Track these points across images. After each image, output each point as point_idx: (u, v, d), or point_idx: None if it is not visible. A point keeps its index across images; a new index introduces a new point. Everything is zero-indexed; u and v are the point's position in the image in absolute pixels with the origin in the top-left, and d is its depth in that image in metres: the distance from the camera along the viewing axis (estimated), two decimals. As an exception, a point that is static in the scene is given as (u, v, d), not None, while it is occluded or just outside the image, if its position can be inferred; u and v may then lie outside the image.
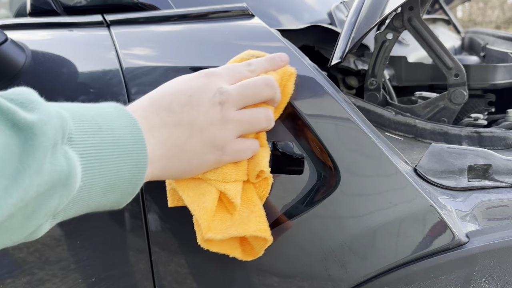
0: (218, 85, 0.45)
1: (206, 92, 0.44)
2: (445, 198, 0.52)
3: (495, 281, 0.49)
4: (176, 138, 0.42)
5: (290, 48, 0.55)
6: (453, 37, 1.65)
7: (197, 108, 0.43)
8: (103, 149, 0.36)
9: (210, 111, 0.44)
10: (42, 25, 0.68)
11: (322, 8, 1.09)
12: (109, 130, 0.37)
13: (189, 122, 0.43)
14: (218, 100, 0.44)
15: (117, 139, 0.37)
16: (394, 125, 0.71)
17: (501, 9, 7.71)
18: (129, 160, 0.38)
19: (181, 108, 0.43)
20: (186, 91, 0.44)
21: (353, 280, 0.51)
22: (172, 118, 0.42)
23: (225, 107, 0.44)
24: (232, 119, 0.45)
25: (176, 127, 0.42)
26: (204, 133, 0.44)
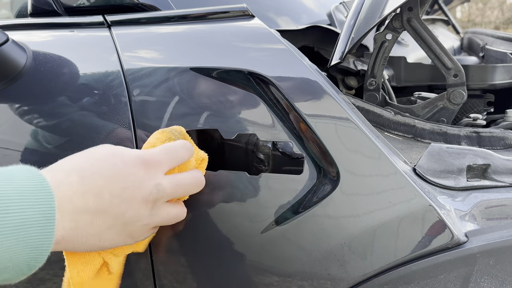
0: (156, 181, 0.43)
1: (142, 188, 0.42)
2: (444, 197, 0.52)
3: (494, 280, 0.49)
4: (95, 226, 0.40)
5: (290, 48, 0.55)
6: (452, 38, 1.65)
7: (128, 203, 0.41)
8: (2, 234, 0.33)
9: (141, 208, 0.42)
10: (43, 25, 0.68)
11: (320, 10, 1.10)
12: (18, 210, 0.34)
13: (115, 215, 0.41)
14: (153, 198, 0.43)
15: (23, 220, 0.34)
16: (394, 125, 0.71)
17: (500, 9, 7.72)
18: (30, 242, 0.34)
19: (111, 199, 0.40)
20: (120, 181, 0.41)
21: (352, 280, 0.51)
22: (98, 205, 0.40)
23: (156, 204, 0.44)
24: (158, 215, 0.45)
25: (99, 215, 0.40)
26: (126, 227, 0.42)
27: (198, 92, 0.54)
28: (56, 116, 0.57)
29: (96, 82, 0.57)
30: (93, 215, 0.40)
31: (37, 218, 0.35)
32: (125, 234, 0.43)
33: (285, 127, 0.53)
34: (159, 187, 0.43)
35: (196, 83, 0.54)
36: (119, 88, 0.56)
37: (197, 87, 0.54)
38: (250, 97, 0.54)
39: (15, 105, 0.59)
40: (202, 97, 0.54)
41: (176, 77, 0.55)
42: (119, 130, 0.55)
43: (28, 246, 0.34)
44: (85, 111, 0.56)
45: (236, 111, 0.53)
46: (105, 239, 0.41)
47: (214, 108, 0.53)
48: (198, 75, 0.54)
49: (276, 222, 0.52)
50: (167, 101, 0.54)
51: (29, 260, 0.35)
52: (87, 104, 0.56)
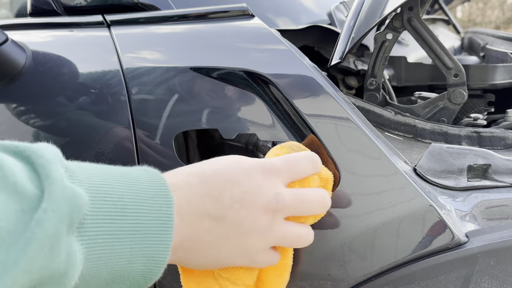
0: (276, 190, 0.40)
1: (262, 194, 0.39)
2: (445, 198, 0.52)
3: (494, 281, 0.49)
4: (213, 235, 0.37)
5: (290, 48, 0.55)
6: (453, 37, 1.65)
7: (248, 210, 0.38)
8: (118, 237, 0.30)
9: (260, 218, 0.38)
10: (42, 25, 0.68)
11: (320, 10, 1.09)
12: (134, 213, 0.31)
13: (234, 222, 0.38)
14: (272, 208, 0.39)
15: (139, 226, 0.31)
16: (394, 125, 0.71)
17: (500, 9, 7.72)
18: (147, 250, 0.32)
19: (231, 204, 0.37)
20: (242, 185, 0.38)
21: (352, 280, 0.51)
22: (218, 211, 0.37)
23: (276, 217, 0.40)
24: (278, 231, 0.40)
25: (218, 222, 0.37)
26: (244, 240, 0.39)
27: (197, 91, 0.54)
28: (56, 115, 0.57)
29: (96, 82, 0.57)
30: (212, 220, 0.37)
31: (155, 224, 0.32)
32: (243, 249, 0.39)
33: (285, 127, 0.53)
34: (279, 197, 0.39)
35: (196, 82, 0.54)
36: (118, 87, 0.56)
37: (197, 86, 0.54)
38: (250, 97, 0.53)
39: (15, 105, 0.59)
40: (201, 96, 0.54)
41: (175, 76, 0.55)
42: (118, 129, 0.54)
43: (143, 255, 0.32)
44: (84, 111, 0.56)
45: (236, 111, 0.53)
46: (222, 251, 0.38)
47: (214, 108, 0.53)
48: (198, 75, 0.54)
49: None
50: (167, 100, 0.54)
51: (145, 271, 0.32)
52: (86, 103, 0.56)
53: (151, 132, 0.54)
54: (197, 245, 0.37)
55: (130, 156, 0.54)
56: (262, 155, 0.60)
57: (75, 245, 0.28)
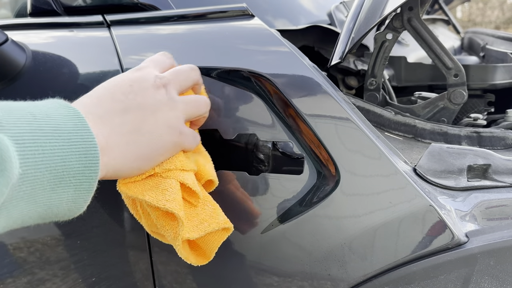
0: (154, 73, 0.45)
1: (146, 80, 0.44)
2: (445, 198, 0.52)
3: (494, 281, 0.49)
4: (130, 123, 0.41)
5: (290, 48, 0.55)
6: (453, 37, 1.65)
7: (142, 93, 0.43)
8: (40, 136, 0.33)
9: (156, 94, 0.44)
10: (42, 25, 0.68)
11: (319, 11, 1.09)
12: (45, 117, 0.34)
13: (139, 106, 0.42)
14: (160, 83, 0.44)
15: (56, 127, 0.34)
16: (394, 125, 0.71)
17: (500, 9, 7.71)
18: (75, 149, 0.35)
19: (126, 96, 0.42)
20: (125, 82, 0.43)
21: (352, 280, 0.51)
22: (120, 106, 0.41)
23: (168, 89, 0.45)
24: (178, 100, 0.45)
25: (126, 112, 0.41)
26: (157, 114, 0.43)
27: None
28: (56, 116, 0.57)
29: (96, 82, 0.57)
30: (121, 114, 0.41)
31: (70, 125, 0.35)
32: (162, 122, 0.43)
33: (285, 127, 0.53)
34: (159, 75, 0.45)
35: (196, 83, 0.54)
36: (118, 88, 0.56)
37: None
38: (250, 97, 0.53)
39: (15, 105, 0.59)
40: (202, 97, 0.54)
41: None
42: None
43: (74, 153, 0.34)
44: (84, 111, 0.56)
45: (236, 111, 0.53)
46: (147, 133, 0.42)
47: (213, 108, 0.53)
48: (198, 75, 0.54)
49: (276, 222, 0.52)
50: (167, 101, 0.54)
51: (83, 169, 0.35)
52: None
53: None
54: (122, 137, 0.40)
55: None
56: (262, 155, 0.60)
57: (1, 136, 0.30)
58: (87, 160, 0.35)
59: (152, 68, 0.46)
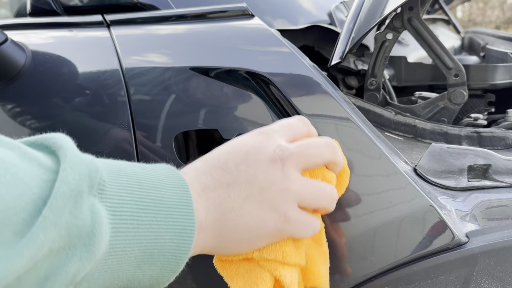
0: (277, 142, 0.40)
1: (264, 148, 0.39)
2: (445, 198, 0.52)
3: (495, 281, 0.49)
4: (232, 200, 0.37)
5: (290, 48, 0.55)
6: (453, 37, 1.65)
7: (255, 166, 0.38)
8: (141, 209, 0.31)
9: (270, 168, 0.38)
10: (42, 25, 0.68)
11: (319, 12, 1.09)
12: (152, 188, 0.32)
13: (247, 181, 0.37)
14: (279, 156, 0.39)
15: (159, 199, 0.32)
16: (394, 125, 0.71)
17: (500, 9, 7.71)
18: (172, 225, 0.32)
19: (237, 167, 0.38)
20: (241, 149, 0.39)
21: (353, 280, 0.51)
22: (227, 177, 0.37)
23: (286, 165, 0.39)
24: (295, 180, 0.39)
25: (232, 187, 0.37)
26: (263, 194, 0.38)
27: (197, 91, 0.54)
28: (56, 116, 0.56)
29: (95, 82, 0.57)
30: (226, 188, 0.37)
31: (173, 199, 0.33)
32: (266, 205, 0.38)
33: (285, 127, 0.53)
34: (282, 146, 0.39)
35: (196, 82, 0.54)
36: (118, 87, 0.56)
37: (197, 86, 0.54)
38: (250, 97, 0.53)
39: (14, 105, 0.59)
40: (201, 96, 0.54)
41: (175, 76, 0.55)
42: (118, 129, 0.54)
43: (169, 230, 0.32)
44: (84, 111, 0.56)
45: (236, 111, 0.53)
46: (248, 214, 0.37)
47: (213, 108, 0.53)
48: (198, 75, 0.54)
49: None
50: (167, 101, 0.54)
51: (174, 248, 0.32)
52: (86, 104, 0.56)
53: (151, 132, 0.54)
54: (221, 216, 0.36)
55: (130, 156, 0.54)
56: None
57: (99, 206, 0.28)
58: (181, 240, 0.33)
59: (278, 135, 0.41)
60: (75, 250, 0.27)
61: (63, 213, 0.26)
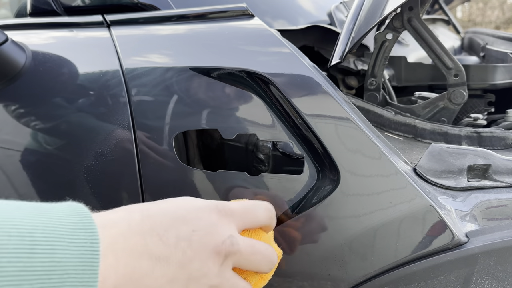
0: (230, 232, 0.37)
1: (215, 235, 0.36)
2: (445, 198, 0.52)
3: (494, 281, 0.49)
4: (154, 278, 0.33)
5: (290, 48, 0.55)
6: (453, 37, 1.65)
7: (196, 250, 0.35)
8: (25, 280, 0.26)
9: (210, 259, 0.36)
10: (42, 25, 0.68)
11: (318, 12, 1.09)
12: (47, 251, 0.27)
13: (180, 263, 0.34)
14: (226, 250, 0.36)
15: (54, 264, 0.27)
16: (394, 125, 0.71)
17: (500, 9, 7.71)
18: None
19: (177, 243, 0.34)
20: (190, 223, 0.36)
21: (353, 280, 0.51)
22: (160, 250, 0.33)
23: (227, 261, 0.37)
24: (227, 279, 0.37)
25: (160, 263, 0.33)
26: (190, 283, 0.35)
27: (197, 92, 0.54)
28: (55, 116, 0.57)
29: (96, 82, 0.57)
30: (154, 261, 0.33)
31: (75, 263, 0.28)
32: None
33: (285, 127, 0.53)
34: (233, 239, 0.37)
35: (196, 83, 0.54)
36: (118, 88, 0.56)
37: (197, 87, 0.54)
38: (250, 97, 0.53)
39: (15, 105, 0.59)
40: (202, 97, 0.54)
41: (175, 77, 0.55)
42: (118, 130, 0.54)
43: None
44: (84, 111, 0.56)
45: (236, 111, 0.53)
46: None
47: (214, 108, 0.53)
48: (198, 75, 0.54)
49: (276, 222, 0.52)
50: (167, 101, 0.54)
51: None
52: (86, 104, 0.56)
53: (151, 132, 0.54)
54: None
55: (130, 156, 0.54)
56: (262, 155, 0.60)
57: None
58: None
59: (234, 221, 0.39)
60: None
61: None
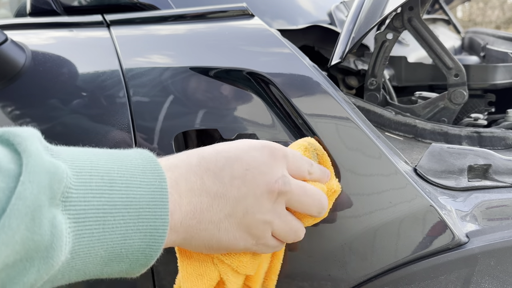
0: (283, 172, 0.39)
1: (268, 174, 0.38)
2: (445, 198, 0.52)
3: (495, 281, 0.49)
4: (214, 212, 0.36)
5: (290, 48, 0.55)
6: (453, 37, 1.65)
7: (250, 186, 0.37)
8: (108, 212, 0.30)
9: (263, 196, 0.38)
10: (42, 25, 0.68)
11: (318, 13, 1.09)
12: (124, 188, 0.31)
13: (236, 198, 0.37)
14: (278, 189, 0.38)
15: (131, 200, 0.31)
16: (394, 125, 0.71)
17: (501, 9, 7.71)
18: (142, 227, 0.31)
19: (231, 180, 0.37)
20: (243, 162, 0.37)
21: (353, 280, 0.51)
22: (217, 187, 0.36)
23: (279, 199, 0.39)
24: (280, 216, 0.39)
25: (218, 198, 0.36)
26: (246, 217, 0.37)
27: (197, 92, 0.54)
28: (55, 116, 0.56)
29: (95, 82, 0.57)
30: (212, 197, 0.36)
31: (148, 199, 0.31)
32: (244, 228, 0.38)
33: (285, 127, 0.53)
34: (286, 179, 0.38)
35: (196, 82, 0.54)
36: (118, 88, 0.56)
37: (197, 86, 0.54)
38: (250, 97, 0.53)
39: (14, 105, 0.59)
40: (201, 97, 0.54)
41: (175, 76, 0.55)
42: (118, 129, 0.54)
43: (140, 231, 0.31)
44: (84, 111, 0.56)
45: (236, 111, 0.53)
46: (224, 230, 0.37)
47: (213, 107, 0.53)
48: (198, 75, 0.54)
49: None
50: (167, 101, 0.54)
51: (144, 247, 0.32)
52: (86, 104, 0.56)
53: (151, 132, 0.54)
54: (198, 224, 0.36)
55: (130, 156, 0.54)
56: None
57: (60, 218, 0.27)
58: (151, 239, 0.32)
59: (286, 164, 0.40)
60: (32, 262, 0.26)
61: (17, 232, 0.24)
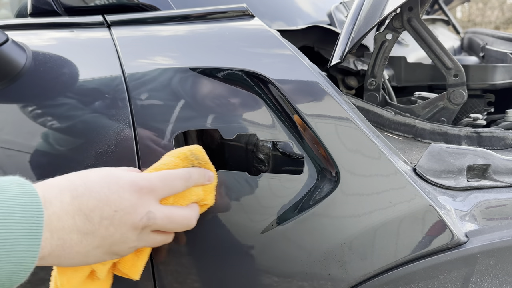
0: (148, 208, 0.44)
1: (133, 214, 0.43)
2: (445, 198, 0.52)
3: (494, 281, 0.49)
4: (83, 246, 0.41)
5: (290, 48, 0.55)
6: (453, 38, 1.65)
7: (117, 226, 0.43)
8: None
9: (128, 232, 0.44)
10: (43, 25, 0.68)
11: (317, 13, 1.09)
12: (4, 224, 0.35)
13: (103, 236, 0.42)
14: (142, 225, 0.44)
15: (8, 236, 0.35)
16: (394, 125, 0.71)
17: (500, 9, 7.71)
18: (14, 258, 0.35)
19: (101, 221, 0.42)
20: (112, 204, 0.42)
21: (352, 280, 0.51)
22: (87, 227, 0.41)
23: (145, 230, 0.45)
24: (146, 240, 0.46)
25: (87, 236, 0.41)
26: (113, 248, 0.44)
27: (198, 92, 0.54)
28: (56, 116, 0.57)
29: (96, 82, 0.57)
30: (82, 235, 0.41)
31: (24, 234, 0.35)
32: (111, 252, 0.44)
33: (285, 127, 0.53)
34: (150, 215, 0.44)
35: (196, 83, 0.54)
36: (118, 88, 0.56)
37: (197, 87, 0.54)
38: (250, 97, 0.54)
39: (15, 105, 0.59)
40: (202, 97, 0.54)
41: (176, 77, 0.55)
42: (119, 129, 0.54)
43: (11, 262, 0.35)
44: (84, 111, 0.56)
45: (236, 111, 0.53)
46: (91, 257, 0.43)
47: (214, 108, 0.53)
48: (198, 75, 0.54)
49: (276, 222, 0.52)
50: (167, 101, 0.54)
51: (11, 274, 0.35)
52: (86, 104, 0.56)
53: (151, 132, 0.54)
54: (67, 254, 0.40)
55: (131, 156, 0.54)
56: (262, 155, 0.60)
57: None
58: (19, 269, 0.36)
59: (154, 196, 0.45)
60: None
61: None
